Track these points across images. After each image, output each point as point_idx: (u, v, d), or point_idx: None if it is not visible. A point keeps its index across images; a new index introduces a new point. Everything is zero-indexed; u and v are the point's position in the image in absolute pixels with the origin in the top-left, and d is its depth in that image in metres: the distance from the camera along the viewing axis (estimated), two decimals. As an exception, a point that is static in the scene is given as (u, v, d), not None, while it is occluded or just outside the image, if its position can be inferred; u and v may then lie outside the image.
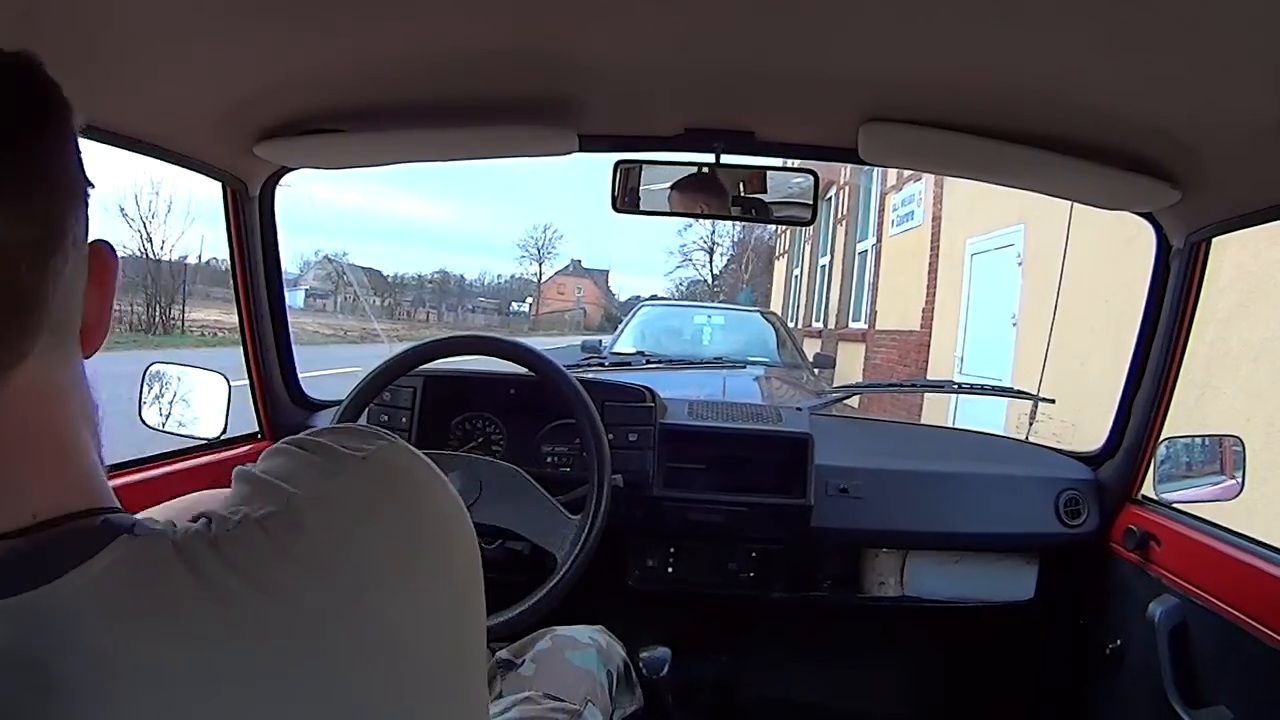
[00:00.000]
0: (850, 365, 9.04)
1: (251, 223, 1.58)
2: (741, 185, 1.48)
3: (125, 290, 14.60)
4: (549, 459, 1.67)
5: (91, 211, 0.47)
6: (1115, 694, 1.56)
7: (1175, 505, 1.51)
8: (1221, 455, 1.53)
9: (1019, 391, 2.67)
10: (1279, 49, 0.84)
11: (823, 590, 1.81)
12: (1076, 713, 1.69)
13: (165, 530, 0.43)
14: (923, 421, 5.78)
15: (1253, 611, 1.21)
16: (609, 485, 1.38)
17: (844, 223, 11.30)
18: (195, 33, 0.96)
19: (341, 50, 1.06)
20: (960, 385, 2.93)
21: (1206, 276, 1.45)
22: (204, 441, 1.56)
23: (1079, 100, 1.09)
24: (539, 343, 2.50)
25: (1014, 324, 5.72)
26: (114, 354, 1.94)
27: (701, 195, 1.46)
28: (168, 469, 1.46)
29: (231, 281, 1.63)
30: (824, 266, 12.79)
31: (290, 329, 1.76)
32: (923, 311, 7.58)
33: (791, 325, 10.94)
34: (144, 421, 1.50)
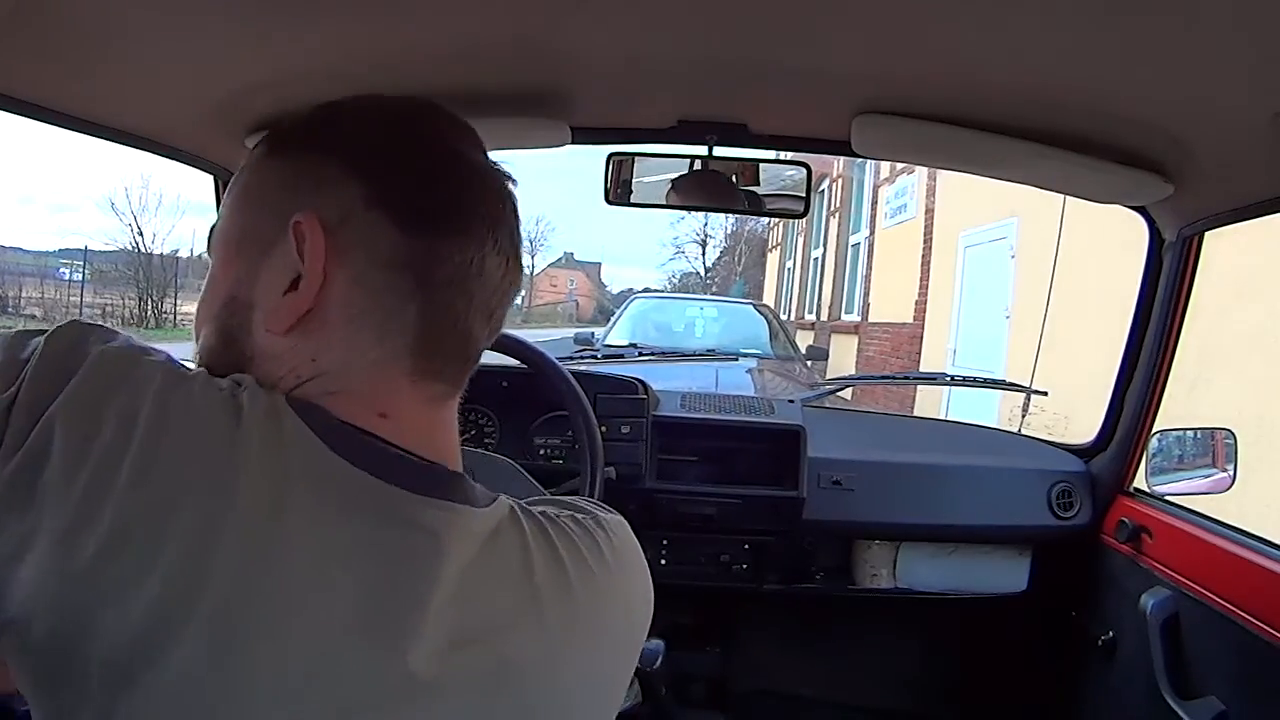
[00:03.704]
0: (843, 357, 9.05)
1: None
2: (735, 177, 1.47)
3: (117, 284, 14.61)
4: (542, 451, 1.67)
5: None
6: (1107, 685, 1.57)
7: (1167, 498, 1.52)
8: (1213, 448, 1.54)
9: (1011, 384, 2.66)
10: (1271, 43, 0.84)
11: (815, 582, 1.81)
12: (1068, 704, 1.69)
13: None
14: (915, 414, 5.80)
15: (1244, 603, 1.22)
16: (601, 477, 1.37)
17: (837, 215, 11.29)
18: (186, 25, 0.95)
19: (332, 42, 1.05)
20: (953, 378, 2.94)
21: (1199, 270, 1.46)
22: None
23: (1072, 94, 1.09)
24: (531, 335, 2.50)
25: (1007, 317, 5.73)
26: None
27: (694, 187, 1.46)
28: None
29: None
30: (817, 259, 12.78)
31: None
32: (916, 304, 7.58)
33: (784, 318, 10.93)
34: None
